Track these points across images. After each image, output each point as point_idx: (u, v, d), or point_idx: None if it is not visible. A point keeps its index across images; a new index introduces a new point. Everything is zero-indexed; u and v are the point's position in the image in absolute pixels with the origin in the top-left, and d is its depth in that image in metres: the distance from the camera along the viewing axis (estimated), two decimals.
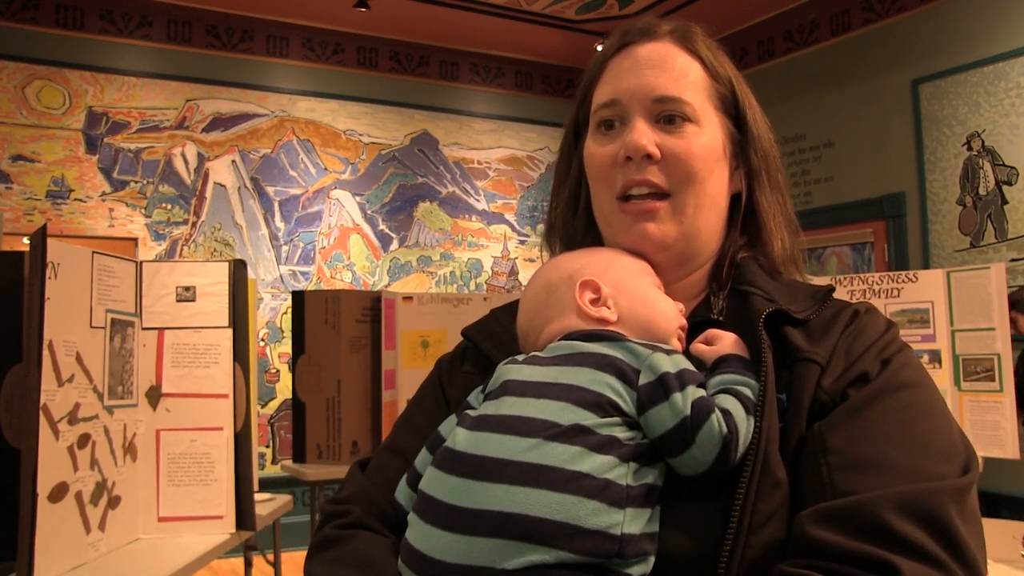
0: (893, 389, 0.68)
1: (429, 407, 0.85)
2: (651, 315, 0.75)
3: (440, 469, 0.68)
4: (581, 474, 0.61)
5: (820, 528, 0.60)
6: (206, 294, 1.84)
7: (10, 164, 4.60)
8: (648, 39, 0.83)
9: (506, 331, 0.84)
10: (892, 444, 0.63)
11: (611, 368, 0.68)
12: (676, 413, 0.65)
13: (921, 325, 3.36)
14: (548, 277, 0.80)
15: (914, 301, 3.39)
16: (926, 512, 0.59)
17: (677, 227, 0.78)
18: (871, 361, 0.70)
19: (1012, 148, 4.17)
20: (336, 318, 2.63)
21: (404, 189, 5.71)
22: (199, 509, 1.77)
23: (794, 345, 0.71)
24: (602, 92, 0.83)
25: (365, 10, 5.11)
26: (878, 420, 0.65)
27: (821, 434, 0.66)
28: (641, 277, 0.78)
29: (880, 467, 0.62)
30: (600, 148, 0.81)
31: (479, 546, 0.60)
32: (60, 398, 1.48)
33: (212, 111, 5.15)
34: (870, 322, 0.74)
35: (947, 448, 0.65)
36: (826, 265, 5.19)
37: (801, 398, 0.68)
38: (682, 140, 0.78)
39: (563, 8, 5.38)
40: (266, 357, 5.16)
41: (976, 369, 3.24)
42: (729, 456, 0.64)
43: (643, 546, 0.62)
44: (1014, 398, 3.16)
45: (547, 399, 0.66)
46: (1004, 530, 2.05)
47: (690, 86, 0.80)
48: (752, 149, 0.83)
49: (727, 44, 0.90)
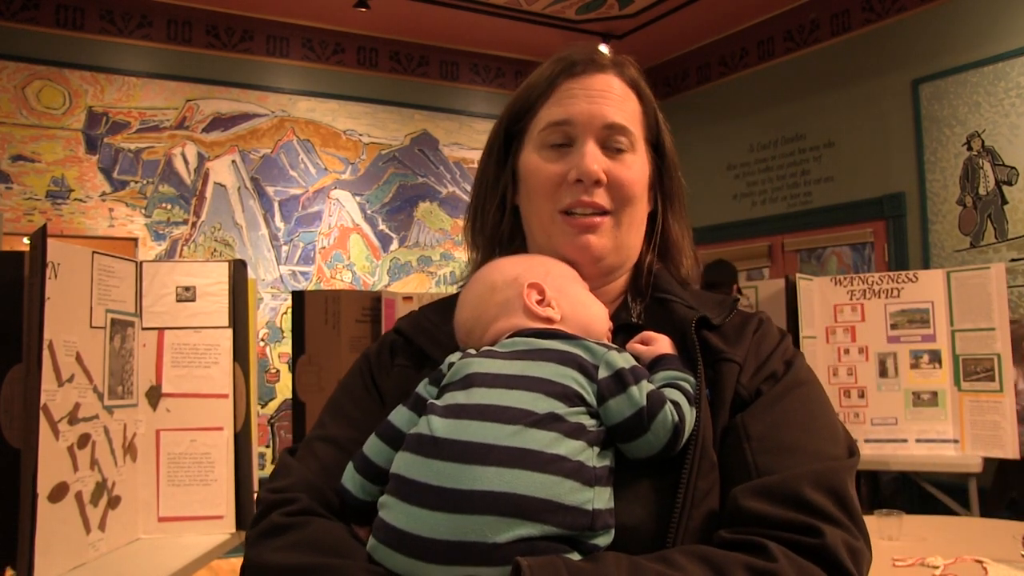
0: (797, 386, 0.81)
1: (361, 398, 0.90)
2: (589, 316, 0.84)
3: (417, 454, 0.72)
4: (559, 457, 0.69)
5: (753, 500, 0.71)
6: (206, 294, 1.84)
7: (10, 164, 4.60)
8: (597, 70, 0.91)
9: (437, 328, 0.91)
10: (801, 431, 0.77)
11: (573, 363, 0.76)
12: (633, 404, 0.73)
13: (921, 325, 3.37)
14: (492, 278, 0.87)
15: (914, 301, 3.39)
16: (832, 486, 0.72)
17: (612, 241, 0.88)
18: (778, 362, 0.83)
19: (1012, 148, 4.17)
20: (336, 318, 2.63)
21: (404, 189, 5.71)
22: (199, 509, 1.77)
23: (715, 347, 0.83)
24: (553, 112, 0.89)
25: (365, 10, 5.11)
26: (788, 411, 0.79)
27: (744, 423, 0.78)
28: (577, 282, 0.87)
29: (794, 450, 0.75)
30: (548, 165, 0.88)
31: (470, 523, 0.66)
32: (60, 398, 1.48)
33: (212, 111, 5.15)
34: (771, 329, 0.88)
35: (837, 434, 0.80)
36: (826, 265, 5.18)
37: (724, 393, 0.80)
38: (624, 167, 0.87)
39: (563, 8, 5.38)
40: (266, 357, 5.16)
41: (976, 369, 3.23)
42: (678, 442, 0.75)
43: (607, 519, 0.70)
44: (1014, 398, 3.16)
45: (520, 390, 0.73)
46: (1004, 530, 2.05)
47: (631, 117, 0.90)
48: (667, 176, 0.94)
49: (727, 44, 0.94)
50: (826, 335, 3.44)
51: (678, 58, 6.15)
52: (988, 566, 1.70)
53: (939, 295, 3.34)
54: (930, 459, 3.25)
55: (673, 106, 6.20)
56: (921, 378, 3.33)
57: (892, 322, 3.40)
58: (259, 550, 0.76)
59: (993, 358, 3.20)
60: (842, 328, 3.43)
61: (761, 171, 5.57)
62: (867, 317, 3.41)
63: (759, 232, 5.56)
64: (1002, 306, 3.19)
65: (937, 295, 3.35)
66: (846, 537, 0.70)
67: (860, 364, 3.40)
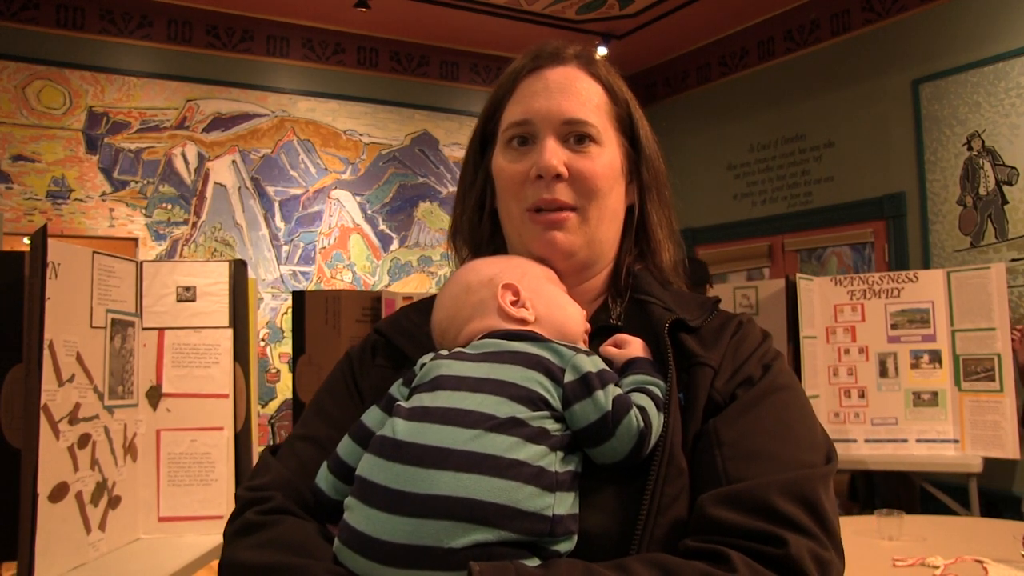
0: (773, 391, 0.79)
1: (342, 398, 0.89)
2: (563, 318, 0.83)
3: (380, 456, 0.71)
4: (519, 462, 0.68)
5: (719, 509, 0.69)
6: (206, 294, 1.84)
7: (10, 164, 4.60)
8: (557, 63, 0.90)
9: (418, 328, 0.90)
10: (774, 438, 0.75)
11: (539, 366, 0.75)
12: (599, 408, 0.72)
13: (921, 325, 3.36)
14: (467, 279, 0.85)
15: (914, 301, 3.39)
16: (803, 495, 0.70)
17: (582, 236, 0.86)
18: (755, 366, 0.81)
19: (1012, 148, 4.17)
20: (336, 318, 2.63)
21: (404, 189, 5.72)
22: (199, 509, 1.77)
23: (690, 350, 0.81)
24: (514, 111, 0.89)
25: (365, 10, 5.11)
26: (762, 417, 0.76)
27: (715, 429, 0.75)
28: (552, 283, 0.85)
29: (765, 457, 0.73)
30: (511, 164, 0.88)
31: (427, 527, 0.66)
32: (60, 398, 1.48)
33: (212, 111, 5.15)
34: (751, 332, 0.85)
35: (815, 441, 0.77)
36: (826, 265, 5.18)
37: (698, 397, 0.78)
38: (587, 160, 0.85)
39: (563, 8, 5.38)
40: (266, 357, 5.16)
41: (976, 369, 3.23)
42: (643, 447, 0.73)
43: (569, 526, 0.69)
44: (1014, 398, 3.16)
45: (483, 393, 0.72)
46: (1004, 530, 2.05)
47: (594, 109, 0.87)
48: (644, 166, 0.92)
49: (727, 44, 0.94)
50: (826, 335, 3.44)
51: (678, 58, 6.15)
52: (988, 566, 1.70)
53: (939, 295, 3.34)
54: (930, 459, 3.25)
55: (673, 106, 6.20)
56: (921, 378, 3.33)
57: (892, 322, 3.40)
58: (232, 548, 0.76)
59: (993, 358, 3.20)
60: (842, 328, 3.43)
61: (761, 171, 5.57)
62: (867, 317, 3.41)
63: (759, 232, 5.56)
64: (1002, 306, 3.19)
65: (937, 295, 3.34)
66: (813, 547, 0.68)
67: (860, 364, 3.40)
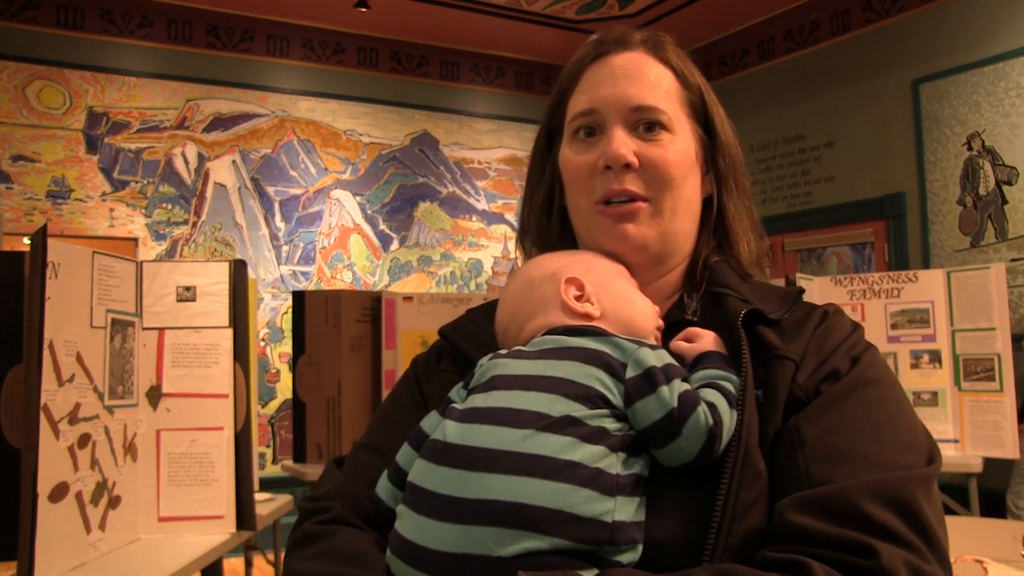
0: (862, 385, 0.71)
1: (406, 405, 0.87)
2: (632, 313, 0.78)
3: (430, 461, 0.68)
4: (573, 463, 0.63)
5: (801, 515, 0.62)
6: (206, 294, 1.84)
7: (10, 164, 4.60)
8: (622, 49, 0.85)
9: (482, 330, 0.86)
10: (863, 436, 0.67)
11: (599, 362, 0.69)
12: (663, 405, 0.66)
13: (921, 325, 3.36)
14: (530, 274, 0.81)
15: (914, 301, 3.39)
16: (898, 499, 0.62)
17: (655, 229, 0.81)
18: (841, 359, 0.73)
19: (1012, 148, 4.17)
20: (336, 318, 2.63)
21: (404, 189, 5.71)
22: (199, 509, 1.77)
23: (769, 343, 0.74)
24: (579, 101, 0.85)
25: (365, 10, 5.11)
26: (850, 414, 0.69)
27: (797, 427, 0.68)
28: (622, 277, 0.80)
29: (853, 458, 0.65)
30: (578, 156, 0.83)
31: (475, 535, 0.61)
32: (60, 398, 1.48)
33: (212, 111, 5.15)
34: (838, 322, 0.78)
35: (912, 440, 0.69)
36: (826, 265, 5.18)
37: (777, 393, 0.71)
38: (659, 148, 0.80)
39: (563, 8, 5.38)
40: (266, 357, 5.16)
41: (976, 369, 3.23)
42: (714, 447, 0.66)
43: (632, 534, 0.64)
44: (1014, 398, 3.16)
45: (537, 391, 0.67)
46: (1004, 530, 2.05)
47: (664, 95, 0.82)
48: (720, 155, 0.86)
49: (727, 44, 0.92)
50: None
51: None
52: (988, 566, 1.70)
53: (939, 295, 3.34)
54: None
55: None
56: (921, 378, 3.33)
57: (892, 322, 3.40)
58: (291, 559, 0.75)
59: (993, 358, 3.20)
60: None
61: (761, 171, 5.57)
62: (867, 317, 3.41)
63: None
64: (1002, 306, 3.19)
65: (937, 295, 3.34)
66: (911, 558, 0.60)
67: None
